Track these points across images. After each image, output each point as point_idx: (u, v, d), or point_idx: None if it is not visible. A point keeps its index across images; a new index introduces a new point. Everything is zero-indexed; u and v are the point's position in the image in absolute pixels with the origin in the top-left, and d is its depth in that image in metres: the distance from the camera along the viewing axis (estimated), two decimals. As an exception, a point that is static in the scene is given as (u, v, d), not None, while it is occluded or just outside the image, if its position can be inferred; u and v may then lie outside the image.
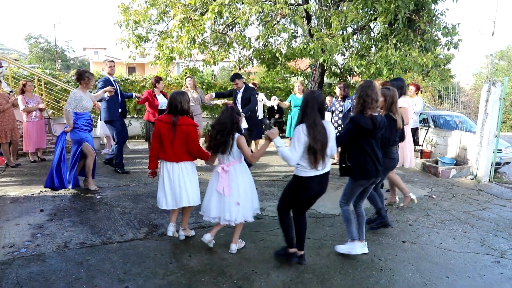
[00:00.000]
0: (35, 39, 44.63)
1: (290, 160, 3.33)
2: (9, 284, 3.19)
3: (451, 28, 9.51)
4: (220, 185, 3.66)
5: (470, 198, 6.15)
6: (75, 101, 5.50)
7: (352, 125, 3.66)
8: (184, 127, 3.81)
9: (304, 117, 3.36)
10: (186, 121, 3.84)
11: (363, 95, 3.65)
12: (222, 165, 3.70)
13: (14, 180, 6.53)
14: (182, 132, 3.80)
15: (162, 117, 3.92)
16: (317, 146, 3.27)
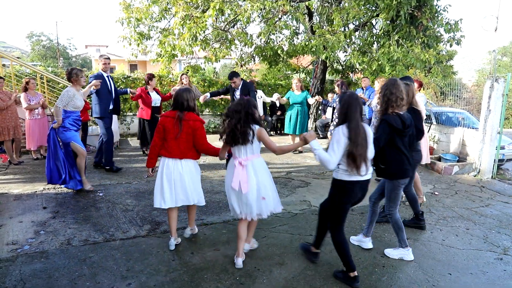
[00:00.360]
0: (37, 37, 44.69)
1: (328, 163, 3.18)
2: (13, 281, 3.21)
3: (453, 24, 9.48)
4: (236, 180, 3.41)
5: (472, 195, 6.14)
6: (67, 98, 5.34)
7: (385, 125, 3.57)
8: (192, 122, 3.69)
9: (345, 119, 3.21)
10: (193, 117, 3.72)
11: (387, 93, 3.61)
12: (238, 159, 3.45)
13: (17, 177, 6.55)
14: (189, 127, 3.68)
15: (168, 113, 3.79)
16: (357, 150, 3.12)
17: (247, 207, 3.46)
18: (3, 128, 7.27)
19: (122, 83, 11.16)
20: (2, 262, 3.53)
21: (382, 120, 3.62)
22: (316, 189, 6.12)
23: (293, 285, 3.28)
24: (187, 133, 3.70)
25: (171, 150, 3.74)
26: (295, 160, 8.33)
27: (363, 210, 5.18)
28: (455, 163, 7.71)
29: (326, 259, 3.76)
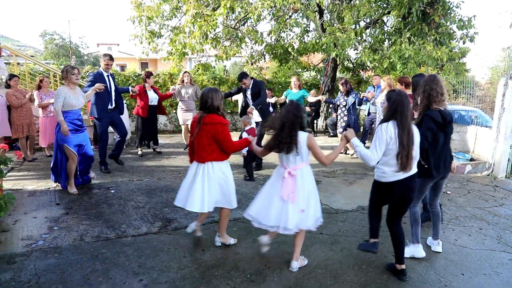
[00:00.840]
0: (50, 35, 45.14)
1: (370, 160, 3.20)
2: (28, 275, 3.26)
3: (466, 21, 9.37)
4: (285, 192, 3.27)
5: (486, 195, 6.07)
6: (61, 98, 5.16)
7: (429, 120, 3.56)
8: (210, 126, 3.52)
9: (394, 116, 3.19)
10: (212, 119, 3.53)
11: (427, 89, 3.60)
12: (288, 169, 3.31)
13: (31, 174, 6.65)
14: (208, 131, 3.53)
15: (197, 114, 3.69)
16: (401, 148, 3.12)
17: (283, 217, 3.28)
18: (18, 126, 7.39)
19: (134, 81, 11.23)
20: (18, 256, 3.59)
21: (425, 116, 3.59)
22: (326, 188, 6.11)
23: (304, 283, 3.28)
24: (207, 137, 3.55)
25: (196, 153, 3.68)
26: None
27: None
28: (467, 162, 7.62)
29: (336, 258, 3.76)
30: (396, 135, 3.13)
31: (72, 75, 5.29)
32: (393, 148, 3.18)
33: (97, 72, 6.45)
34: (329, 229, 4.46)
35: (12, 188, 5.70)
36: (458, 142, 8.58)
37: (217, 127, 3.52)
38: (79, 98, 5.44)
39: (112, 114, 6.58)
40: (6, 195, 4.21)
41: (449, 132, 3.73)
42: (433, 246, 4.00)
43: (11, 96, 7.27)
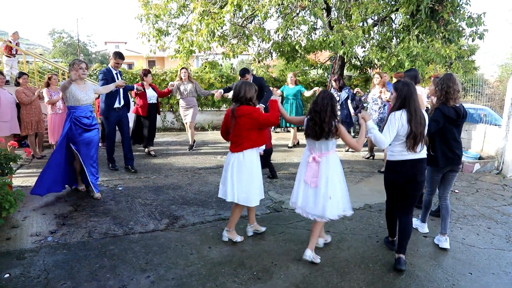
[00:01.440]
0: (59, 34, 45.47)
1: (382, 143, 3.43)
2: (37, 271, 3.30)
3: (476, 18, 9.27)
4: (308, 175, 3.49)
5: (494, 193, 6.02)
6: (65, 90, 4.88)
7: (439, 113, 3.85)
8: (245, 117, 3.66)
9: (404, 104, 3.44)
10: (244, 111, 3.68)
11: (444, 87, 3.86)
12: (313, 155, 3.49)
13: (40, 171, 6.68)
14: (245, 123, 3.68)
15: (229, 109, 3.83)
16: (417, 129, 3.39)
17: (309, 203, 3.50)
18: (27, 123, 7.46)
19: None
20: (27, 252, 3.63)
21: (436, 109, 3.90)
22: (333, 186, 6.09)
23: (310, 281, 3.28)
24: (245, 128, 3.70)
25: (232, 144, 3.83)
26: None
27: (381, 207, 5.14)
28: (476, 160, 7.56)
29: (343, 256, 3.75)
30: (407, 122, 3.39)
31: (73, 68, 4.91)
32: (403, 134, 3.43)
33: (106, 69, 6.45)
34: (336, 227, 4.45)
35: (21, 185, 5.77)
36: (466, 141, 8.51)
37: (253, 115, 3.67)
38: (88, 93, 5.08)
39: (120, 113, 6.52)
40: (15, 192, 4.25)
41: (461, 126, 4.02)
42: (440, 243, 4.02)
43: (21, 93, 7.34)
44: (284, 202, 5.27)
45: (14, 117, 7.30)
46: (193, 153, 8.37)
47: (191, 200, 5.26)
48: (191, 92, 8.27)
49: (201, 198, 5.35)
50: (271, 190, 5.77)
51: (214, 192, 5.61)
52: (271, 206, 5.12)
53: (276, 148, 8.96)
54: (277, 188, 5.91)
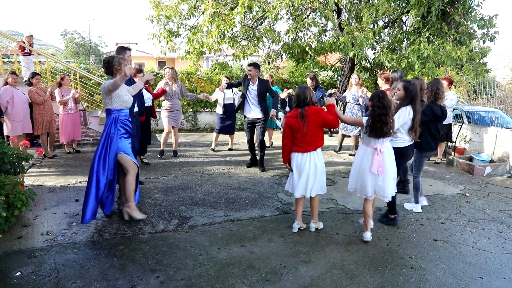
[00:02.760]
0: (70, 34, 45.98)
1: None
2: (47, 270, 3.34)
3: (487, 20, 9.16)
4: (375, 166, 3.93)
5: (506, 197, 5.94)
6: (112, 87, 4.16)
7: (429, 110, 4.85)
8: (315, 115, 4.01)
9: (411, 103, 4.32)
10: (314, 110, 4.03)
11: (434, 89, 4.90)
12: (376, 147, 3.95)
13: (51, 170, 6.79)
14: (315, 121, 4.01)
15: (291, 113, 4.11)
16: (412, 125, 4.37)
17: (380, 188, 4.04)
18: (39, 123, 7.57)
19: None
20: (38, 251, 3.68)
21: (427, 106, 4.89)
22: (343, 188, 6.06)
23: (319, 283, 3.28)
24: (315, 126, 4.03)
25: (303, 146, 4.08)
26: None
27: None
28: (487, 163, 7.47)
29: (352, 259, 3.73)
30: (411, 119, 4.35)
31: (122, 65, 4.27)
32: (406, 125, 4.39)
33: None
34: (345, 229, 4.43)
35: (32, 184, 5.83)
36: (477, 143, 8.42)
37: (322, 114, 4.05)
38: (128, 94, 4.47)
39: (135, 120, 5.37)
40: (27, 191, 4.31)
41: (442, 122, 5.03)
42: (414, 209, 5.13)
43: (34, 93, 7.44)
44: (293, 203, 5.26)
45: (27, 116, 7.41)
46: (202, 154, 8.40)
47: (200, 201, 5.28)
48: (177, 94, 7.75)
49: (210, 199, 5.37)
50: (280, 192, 5.77)
51: (223, 193, 5.63)
52: (280, 207, 5.12)
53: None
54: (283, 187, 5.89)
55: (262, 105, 6.82)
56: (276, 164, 7.39)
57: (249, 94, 6.88)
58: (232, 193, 5.68)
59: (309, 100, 4.03)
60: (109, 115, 4.32)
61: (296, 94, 4.08)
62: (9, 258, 3.53)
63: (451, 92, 8.02)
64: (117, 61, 4.34)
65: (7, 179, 4.19)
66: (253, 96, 6.84)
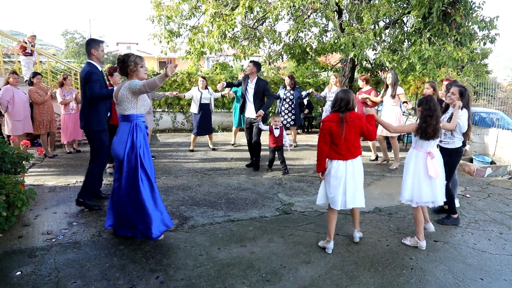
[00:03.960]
0: (71, 34, 46.02)
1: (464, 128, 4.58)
2: (48, 269, 3.34)
3: (488, 22, 9.16)
4: (431, 170, 3.90)
5: (507, 199, 5.93)
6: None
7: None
8: (357, 121, 3.78)
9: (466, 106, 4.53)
10: (356, 115, 3.81)
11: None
12: (429, 151, 3.97)
13: (52, 170, 6.79)
14: (355, 126, 3.78)
15: (329, 117, 3.82)
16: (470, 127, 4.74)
17: (436, 191, 3.97)
18: (40, 122, 7.57)
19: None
20: (38, 250, 3.68)
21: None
22: (343, 189, 6.06)
23: (319, 284, 3.27)
24: (355, 132, 3.80)
25: (343, 153, 3.78)
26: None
27: (391, 211, 5.11)
28: (488, 165, 7.46)
29: (353, 259, 3.73)
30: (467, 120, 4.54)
31: (138, 65, 3.89)
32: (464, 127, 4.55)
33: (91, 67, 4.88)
34: (345, 230, 4.43)
35: (33, 184, 5.84)
36: (478, 145, 8.41)
37: (363, 120, 3.84)
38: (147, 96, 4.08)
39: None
40: (27, 191, 4.31)
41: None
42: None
43: (34, 93, 7.45)
44: (294, 204, 5.26)
45: (28, 116, 7.42)
46: (202, 154, 8.40)
47: (201, 201, 5.28)
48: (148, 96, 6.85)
49: (211, 199, 5.36)
50: (280, 192, 5.77)
51: (223, 193, 5.63)
52: (280, 208, 5.12)
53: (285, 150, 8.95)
54: (287, 190, 5.90)
55: (259, 105, 6.77)
56: (276, 164, 7.38)
57: (247, 93, 6.86)
58: (233, 193, 5.68)
59: (351, 105, 3.78)
60: (129, 121, 3.83)
61: (338, 98, 3.81)
62: (9, 258, 3.53)
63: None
64: (133, 60, 3.85)
65: (8, 178, 4.19)
66: (250, 94, 6.79)
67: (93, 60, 4.72)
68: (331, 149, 3.81)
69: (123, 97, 3.78)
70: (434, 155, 3.96)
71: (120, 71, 3.97)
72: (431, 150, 3.97)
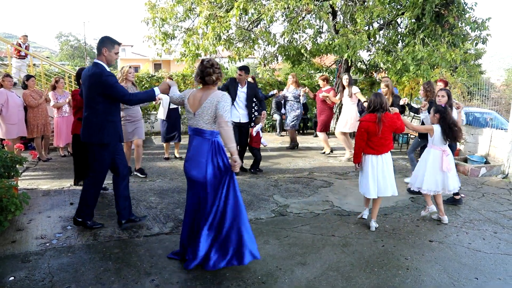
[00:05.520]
0: (66, 37, 45.94)
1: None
2: (41, 274, 3.31)
3: (480, 23, 9.21)
4: (445, 165, 4.64)
5: (501, 198, 5.97)
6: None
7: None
8: (391, 121, 4.43)
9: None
10: (390, 116, 4.47)
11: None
12: (442, 149, 4.71)
13: (46, 174, 6.75)
14: (390, 126, 4.42)
15: (367, 117, 4.42)
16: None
17: (444, 183, 4.71)
18: (34, 126, 7.53)
19: (147, 82, 11.35)
20: (32, 255, 3.65)
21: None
22: (339, 190, 6.07)
23: (315, 285, 3.27)
24: (389, 131, 4.45)
25: (378, 148, 4.42)
26: (318, 160, 8.28)
27: (386, 211, 5.13)
28: (482, 164, 7.50)
29: (348, 260, 3.73)
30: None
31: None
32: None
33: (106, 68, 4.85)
34: (340, 231, 4.44)
35: (27, 188, 5.80)
36: (472, 145, 8.46)
37: (395, 120, 4.49)
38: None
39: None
40: (21, 195, 4.28)
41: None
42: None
43: (28, 96, 7.40)
44: (289, 205, 5.26)
45: (22, 119, 7.37)
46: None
47: (196, 204, 5.25)
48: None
49: (206, 202, 5.34)
50: (276, 194, 5.76)
51: (218, 196, 5.61)
52: (276, 210, 5.11)
53: (281, 151, 8.96)
54: (282, 192, 5.90)
55: (250, 108, 6.77)
56: (274, 168, 7.37)
57: (237, 98, 6.70)
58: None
59: (384, 106, 4.39)
60: (208, 138, 3.42)
61: (372, 100, 4.41)
62: (2, 263, 3.50)
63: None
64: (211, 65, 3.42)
65: (1, 182, 4.15)
66: (241, 99, 6.67)
67: (102, 61, 4.06)
68: (367, 145, 4.43)
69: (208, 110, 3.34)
70: (449, 153, 4.72)
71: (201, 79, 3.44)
72: (445, 149, 4.71)
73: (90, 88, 4.01)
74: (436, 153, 4.73)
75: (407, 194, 5.89)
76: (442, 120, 4.66)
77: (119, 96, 3.98)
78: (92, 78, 3.97)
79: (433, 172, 4.71)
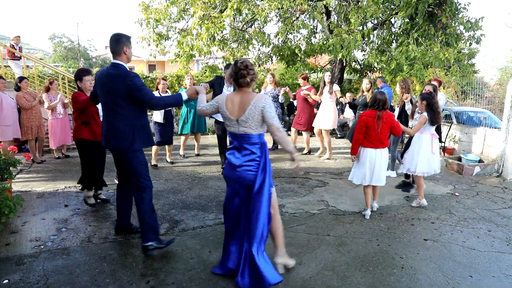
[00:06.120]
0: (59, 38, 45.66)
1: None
2: (36, 276, 3.29)
3: (474, 23, 9.28)
4: (435, 147, 5.20)
5: (495, 196, 6.01)
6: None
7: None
8: (389, 118, 4.73)
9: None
10: (388, 113, 4.75)
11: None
12: (431, 133, 5.19)
13: (40, 176, 6.71)
14: (388, 123, 4.70)
15: (367, 113, 4.71)
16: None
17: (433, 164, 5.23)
18: (27, 128, 7.48)
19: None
20: (26, 258, 3.63)
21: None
22: (334, 189, 6.09)
23: (310, 284, 3.27)
24: (385, 128, 4.70)
25: (374, 142, 4.70)
26: (313, 159, 8.29)
27: (381, 211, 5.14)
28: (476, 163, 7.55)
29: (344, 260, 3.74)
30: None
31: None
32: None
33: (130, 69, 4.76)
34: (336, 230, 4.44)
35: (21, 190, 5.77)
36: (466, 144, 8.51)
37: (392, 119, 4.80)
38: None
39: None
40: (15, 197, 4.26)
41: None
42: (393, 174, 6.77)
43: (21, 98, 7.36)
44: (285, 205, 5.26)
45: (16, 121, 7.34)
46: (193, 157, 8.37)
47: (191, 204, 5.26)
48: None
49: (201, 202, 5.35)
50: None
51: (214, 196, 5.61)
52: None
53: (279, 152, 8.96)
54: (277, 191, 5.90)
55: None
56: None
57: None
58: (223, 196, 5.65)
59: (386, 105, 4.66)
60: (258, 142, 3.28)
61: (375, 97, 4.66)
62: (-4, 265, 3.48)
63: (440, 93, 8.08)
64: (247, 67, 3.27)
65: (-6, 185, 4.13)
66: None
67: (123, 61, 3.71)
68: (366, 139, 4.72)
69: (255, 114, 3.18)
70: (437, 137, 5.25)
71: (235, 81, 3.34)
72: (434, 132, 5.18)
73: (111, 92, 3.62)
74: (427, 138, 5.19)
75: (402, 193, 5.92)
76: (429, 106, 5.04)
77: (146, 99, 3.64)
78: (116, 80, 3.59)
79: (425, 155, 5.17)
